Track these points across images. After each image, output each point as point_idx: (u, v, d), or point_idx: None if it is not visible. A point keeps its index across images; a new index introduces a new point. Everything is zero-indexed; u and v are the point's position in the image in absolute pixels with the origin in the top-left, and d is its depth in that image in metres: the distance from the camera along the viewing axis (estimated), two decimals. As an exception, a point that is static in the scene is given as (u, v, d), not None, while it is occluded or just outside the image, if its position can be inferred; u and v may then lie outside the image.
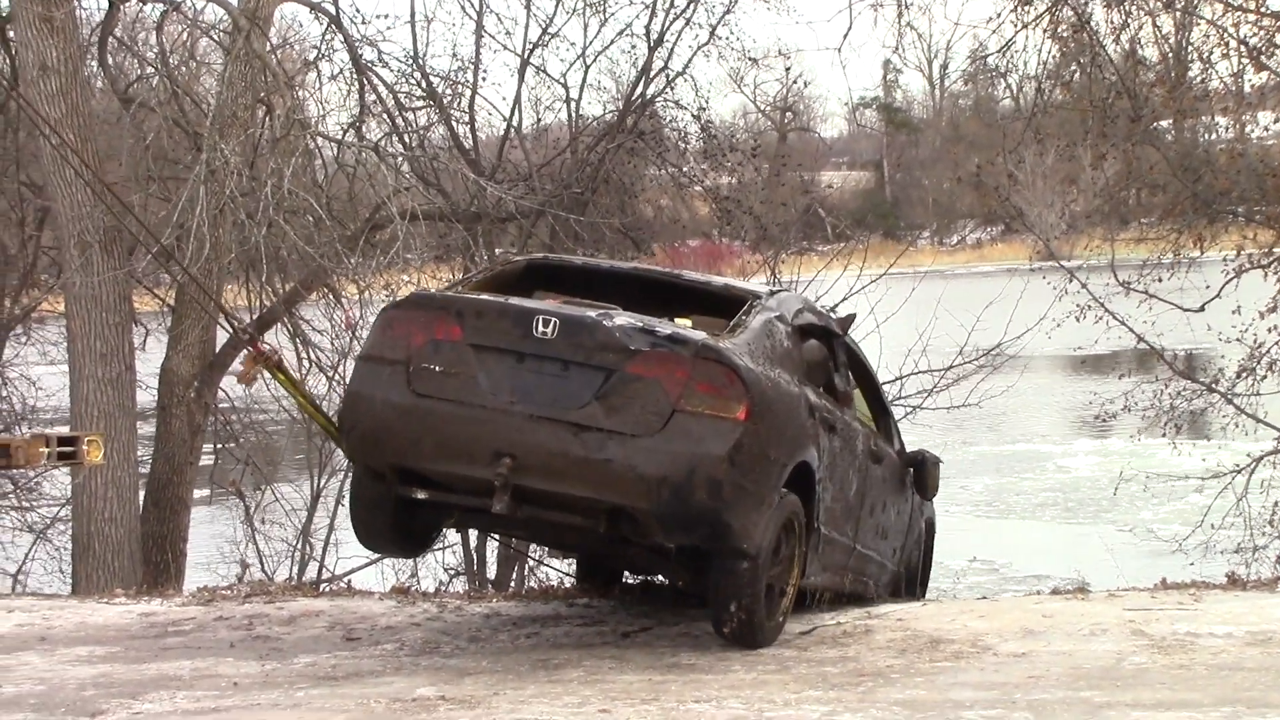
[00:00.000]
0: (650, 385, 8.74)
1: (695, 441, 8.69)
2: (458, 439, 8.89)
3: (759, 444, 8.89)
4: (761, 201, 21.16)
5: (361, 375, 9.35)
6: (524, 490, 8.82)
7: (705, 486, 8.68)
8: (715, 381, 8.78)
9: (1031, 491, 26.95)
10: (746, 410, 8.78)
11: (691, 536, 8.99)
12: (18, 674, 9.36)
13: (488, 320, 9.03)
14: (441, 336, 9.03)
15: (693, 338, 8.95)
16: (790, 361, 9.61)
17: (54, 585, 19.06)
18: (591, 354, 8.83)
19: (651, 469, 8.65)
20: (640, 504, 8.72)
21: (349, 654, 9.69)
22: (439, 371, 8.97)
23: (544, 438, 8.74)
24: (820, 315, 10.73)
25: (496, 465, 8.72)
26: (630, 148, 19.96)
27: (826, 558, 10.14)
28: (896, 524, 11.75)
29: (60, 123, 15.94)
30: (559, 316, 8.93)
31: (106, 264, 16.05)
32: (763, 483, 8.99)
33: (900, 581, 12.15)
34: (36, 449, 7.93)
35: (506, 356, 8.93)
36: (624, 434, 8.69)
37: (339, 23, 18.71)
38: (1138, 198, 23.70)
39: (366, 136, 19.20)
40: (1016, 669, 8.66)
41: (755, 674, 8.81)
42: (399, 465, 9.20)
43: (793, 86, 61.50)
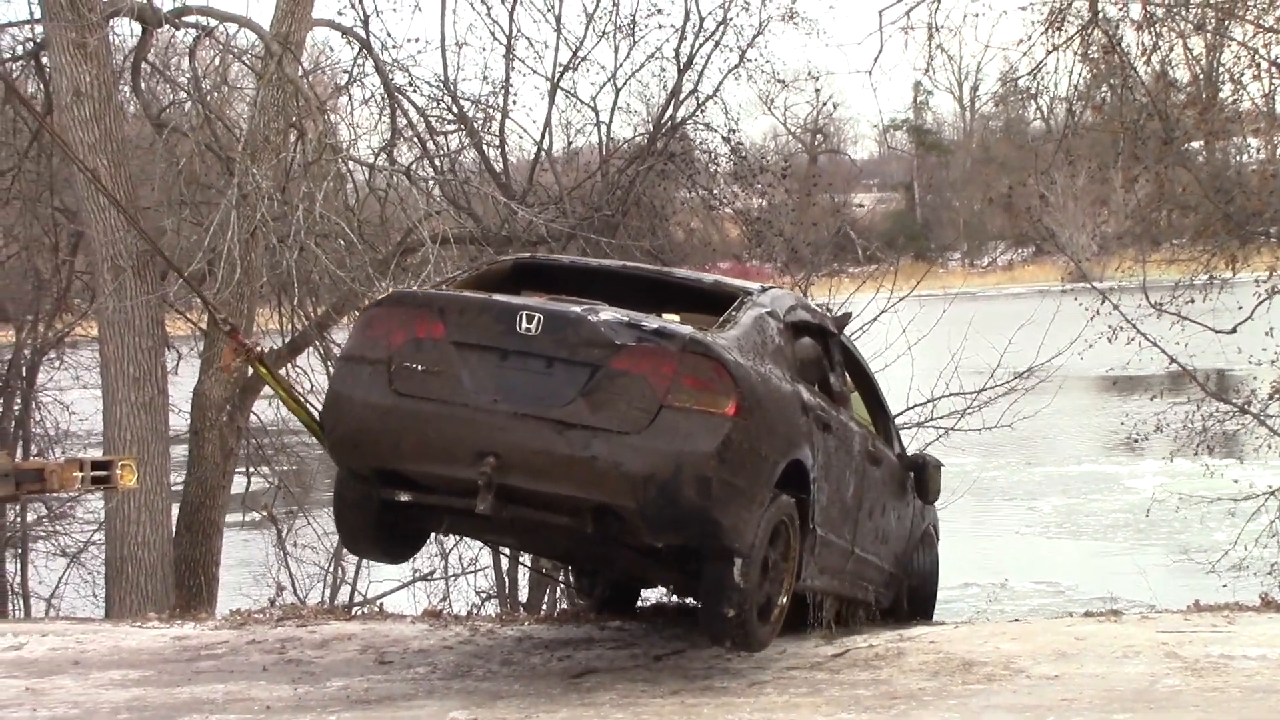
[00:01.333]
0: (636, 381, 8.50)
1: (683, 438, 8.42)
2: (440, 439, 8.66)
3: (749, 440, 8.62)
4: (792, 223, 21.15)
5: (342, 375, 9.13)
6: (509, 490, 8.57)
7: (693, 484, 8.41)
8: (703, 376, 8.54)
9: (1102, 513, 26.43)
10: (736, 405, 8.52)
11: (680, 536, 8.70)
12: (52, 698, 9.40)
13: (470, 317, 8.82)
14: (423, 335, 8.82)
15: (680, 332, 8.71)
16: (782, 358, 9.36)
17: (87, 609, 19.15)
18: (576, 349, 8.59)
19: (638, 466, 8.39)
20: (626, 502, 8.47)
21: (382, 677, 9.70)
22: (421, 370, 8.76)
23: (528, 436, 8.50)
24: (814, 313, 10.49)
25: (480, 465, 8.48)
26: (660, 170, 19.98)
27: (823, 560, 9.86)
28: (897, 528, 11.42)
29: (94, 148, 16.04)
30: (543, 312, 8.70)
31: (139, 288, 16.12)
32: (754, 480, 8.71)
33: (902, 587, 11.82)
34: (71, 473, 7.97)
35: (490, 354, 8.71)
36: (610, 431, 8.43)
37: (370, 47, 18.81)
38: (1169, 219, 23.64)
39: (398, 160, 19.28)
40: (1049, 691, 8.63)
41: (788, 696, 8.79)
42: (381, 467, 8.98)
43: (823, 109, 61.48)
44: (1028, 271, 70.45)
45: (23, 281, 20.42)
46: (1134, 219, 23.12)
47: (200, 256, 15.85)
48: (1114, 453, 21.85)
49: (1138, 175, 19.61)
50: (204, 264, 15.82)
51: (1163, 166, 19.12)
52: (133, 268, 16.10)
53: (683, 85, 20.37)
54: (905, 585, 11.78)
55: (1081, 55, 18.87)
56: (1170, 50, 19.48)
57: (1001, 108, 55.32)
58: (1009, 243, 77.31)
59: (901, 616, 11.65)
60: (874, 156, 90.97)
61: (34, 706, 9.16)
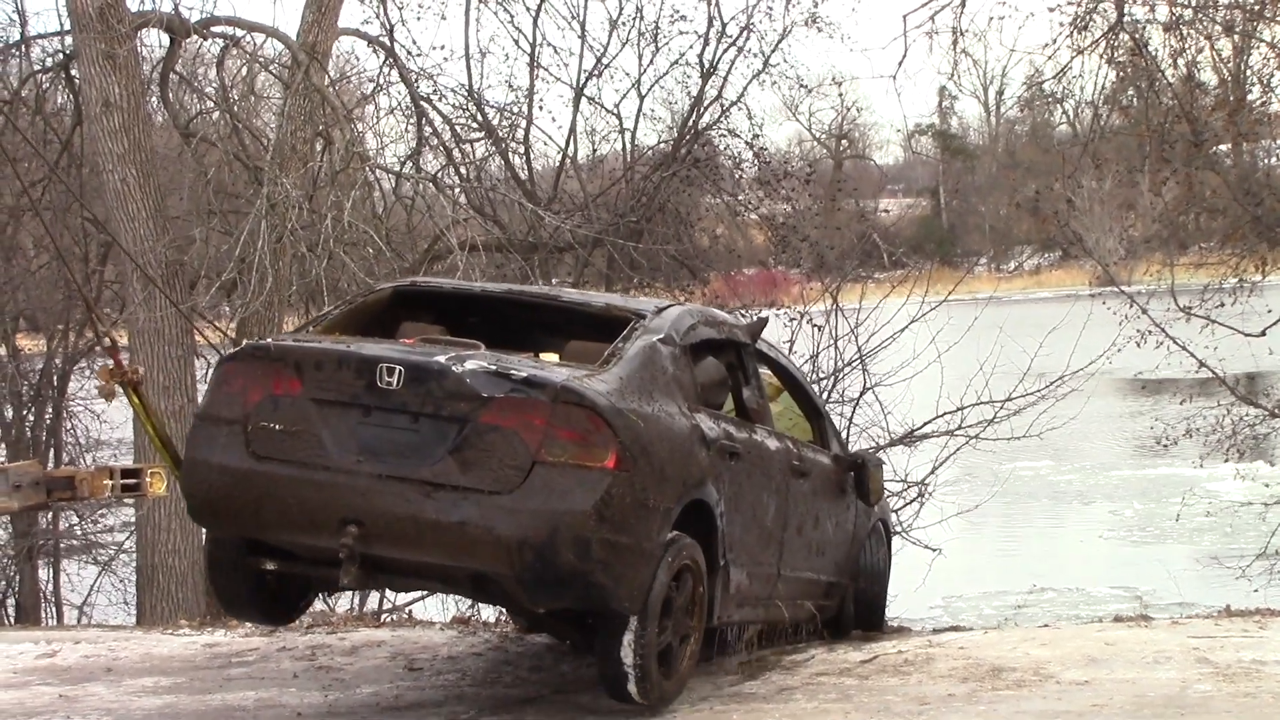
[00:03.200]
0: (507, 436, 7.85)
1: (558, 496, 7.80)
2: (300, 506, 8.03)
3: (633, 492, 7.98)
4: (817, 229, 21.15)
5: (197, 437, 8.42)
6: (375, 560, 8.01)
7: (571, 546, 7.77)
8: (578, 427, 7.89)
9: (1186, 516, 26.07)
10: (616, 457, 7.89)
11: (561, 601, 8.12)
12: (85, 704, 9.45)
13: (328, 371, 8.14)
14: (280, 391, 8.17)
15: (551, 380, 8.01)
16: (678, 388, 8.69)
17: (119, 616, 19.22)
18: (442, 404, 7.95)
19: (510, 530, 7.76)
20: (501, 569, 7.86)
21: (411, 684, 9.73)
22: (279, 430, 8.12)
23: (392, 500, 7.88)
24: (721, 326, 9.72)
25: (342, 534, 7.89)
26: (685, 176, 20.00)
27: (742, 594, 9.24)
28: (836, 535, 10.67)
29: (123, 158, 16.13)
30: (404, 364, 8.03)
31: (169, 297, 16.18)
32: (641, 535, 8.05)
33: (848, 592, 11.13)
34: (101, 481, 8.00)
35: (351, 410, 8.07)
36: (481, 491, 7.82)
37: (395, 56, 18.87)
38: (1197, 222, 23.59)
39: (424, 168, 19.34)
40: (1080, 697, 8.61)
41: (817, 703, 8.79)
42: (242, 535, 8.48)
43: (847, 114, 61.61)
44: (1055, 276, 70.22)
45: (53, 291, 20.51)
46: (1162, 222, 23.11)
47: (230, 266, 15.92)
48: (1189, 456, 21.54)
49: (1166, 178, 19.56)
50: (234, 273, 15.90)
51: (1191, 169, 19.07)
52: (162, 277, 16.17)
53: (707, 91, 20.43)
54: (852, 589, 11.12)
55: (1108, 58, 18.82)
56: (1198, 53, 19.42)
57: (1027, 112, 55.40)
58: (1035, 247, 77.09)
59: (848, 623, 11.11)
60: (899, 162, 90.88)
61: (67, 713, 9.20)
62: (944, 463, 15.72)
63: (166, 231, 16.66)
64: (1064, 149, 22.59)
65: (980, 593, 19.79)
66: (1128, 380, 25.24)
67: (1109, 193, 34.26)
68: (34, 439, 20.76)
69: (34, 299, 20.87)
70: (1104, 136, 20.21)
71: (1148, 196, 23.68)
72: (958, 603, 18.96)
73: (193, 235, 17.79)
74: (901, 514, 15.64)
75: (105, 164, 16.38)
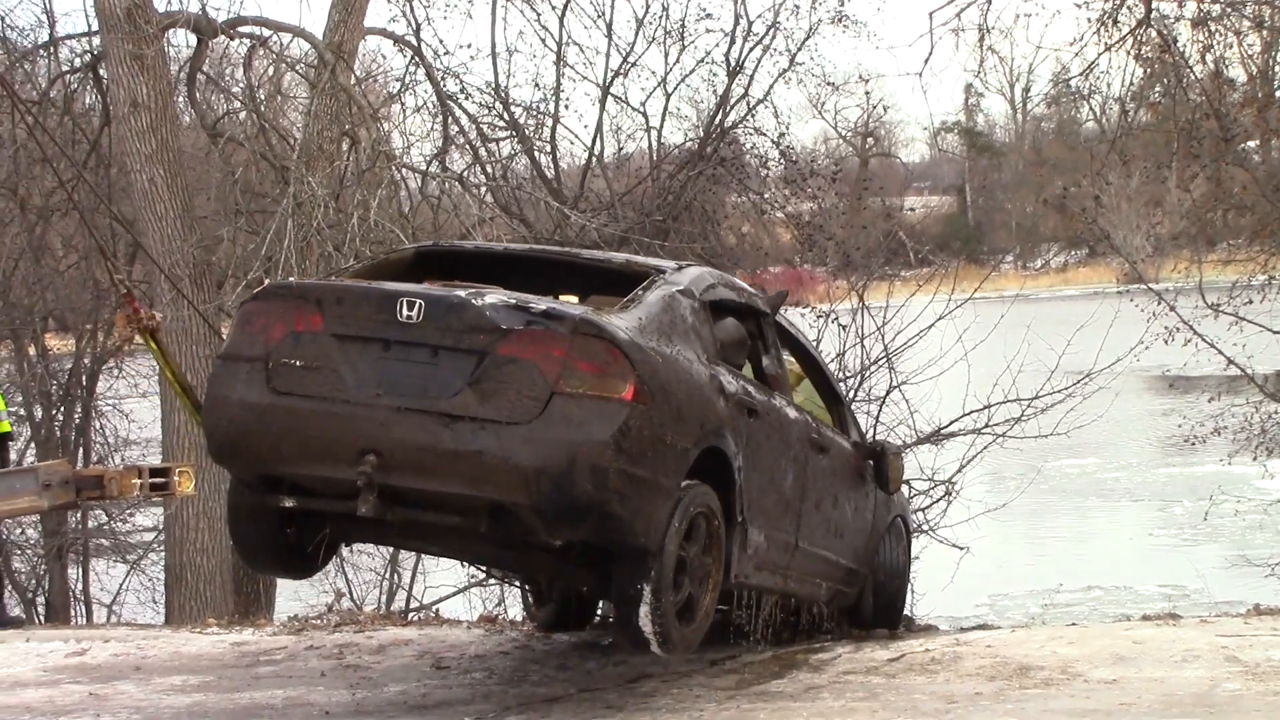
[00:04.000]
0: (525, 367, 7.89)
1: (576, 426, 7.81)
2: (320, 438, 8.10)
3: (651, 427, 7.99)
4: (843, 227, 21.12)
5: (219, 376, 8.48)
6: (393, 490, 8.04)
7: (588, 476, 7.78)
8: (596, 359, 7.92)
9: (1242, 513, 25.76)
10: (634, 389, 7.91)
11: (577, 532, 8.10)
12: (114, 703, 9.49)
13: (349, 307, 8.23)
14: (301, 328, 8.24)
15: (569, 313, 8.09)
16: (697, 338, 8.72)
17: (148, 615, 19.29)
18: (461, 337, 8.00)
19: (528, 459, 7.78)
20: (518, 498, 7.88)
21: (439, 682, 9.75)
22: (300, 366, 8.18)
23: (412, 431, 7.93)
24: (742, 292, 9.73)
25: (360, 464, 7.96)
26: (711, 175, 20.00)
27: (759, 556, 9.21)
28: (855, 522, 10.63)
29: (150, 158, 16.19)
30: (424, 298, 8.11)
31: (196, 297, 16.23)
32: (659, 470, 8.07)
33: (868, 584, 11.09)
34: (129, 481, 8.04)
35: (371, 345, 8.13)
36: (499, 422, 7.84)
37: (422, 55, 18.92)
38: (1225, 219, 23.49)
39: (450, 167, 19.37)
40: (1108, 696, 8.59)
41: (844, 701, 8.78)
42: (263, 472, 8.51)
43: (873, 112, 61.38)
44: (1082, 273, 70.05)
45: (81, 291, 20.59)
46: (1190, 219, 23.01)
47: (257, 265, 15.96)
48: (1240, 454, 21.32)
49: (1194, 175, 19.48)
50: (261, 272, 15.92)
51: (1219, 166, 19.00)
52: (190, 276, 16.22)
53: (733, 90, 20.42)
54: (871, 581, 11.05)
55: (1135, 54, 18.76)
56: (1226, 48, 19.35)
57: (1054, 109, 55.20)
58: (1062, 245, 76.87)
59: (866, 614, 11.09)
60: (925, 159, 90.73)
61: (97, 711, 9.25)
62: (971, 461, 15.69)
63: (194, 231, 16.72)
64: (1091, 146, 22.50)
65: (1027, 591, 19.73)
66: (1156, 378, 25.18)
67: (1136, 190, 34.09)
68: (63, 438, 20.83)
69: (63, 299, 20.94)
70: (1131, 133, 20.12)
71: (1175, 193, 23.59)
72: (1004, 601, 18.92)
73: (220, 235, 17.85)
74: (928, 512, 15.63)
75: (133, 164, 16.45)
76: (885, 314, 16.09)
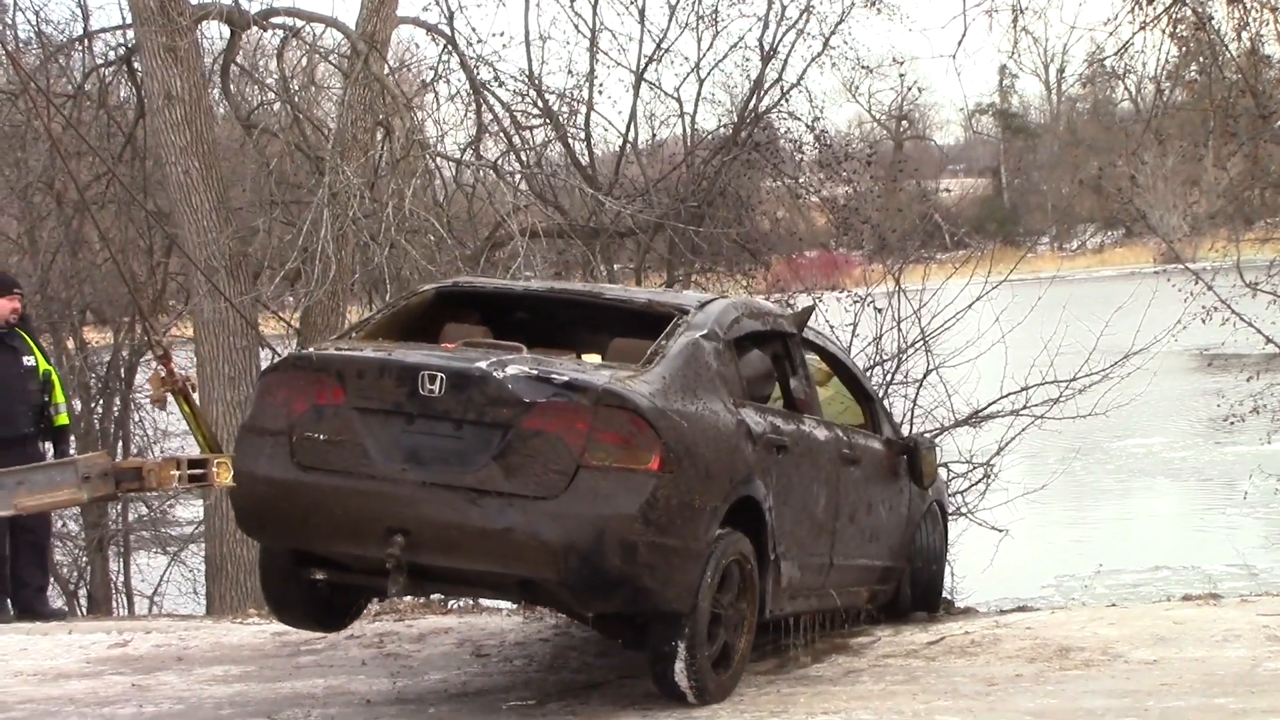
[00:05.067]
0: (550, 440, 7.84)
1: (603, 500, 7.79)
2: (346, 516, 8.07)
3: (679, 493, 7.98)
4: (878, 210, 21.07)
5: (244, 449, 8.43)
6: (422, 569, 8.06)
7: (617, 550, 7.78)
8: (621, 430, 7.89)
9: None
10: (660, 459, 7.89)
11: (609, 605, 8.14)
12: (157, 694, 9.54)
13: (370, 380, 8.16)
14: (324, 401, 8.20)
15: (593, 383, 7.99)
16: (723, 384, 8.68)
17: (189, 606, 19.38)
18: (485, 410, 7.94)
19: (556, 535, 7.76)
20: (548, 575, 7.87)
21: (479, 670, 9.77)
22: (324, 440, 8.16)
23: (438, 508, 7.92)
24: (766, 318, 9.66)
25: (389, 544, 7.93)
26: (746, 160, 19.96)
27: (794, 587, 9.25)
28: (890, 520, 10.67)
29: (185, 150, 16.24)
30: (445, 371, 8.02)
31: (234, 288, 16.28)
32: (688, 535, 8.05)
33: (904, 576, 11.04)
34: (168, 472, 8.01)
35: (394, 419, 8.08)
36: (525, 497, 7.81)
37: (455, 44, 18.90)
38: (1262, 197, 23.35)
39: (484, 155, 19.36)
40: (1148, 676, 8.57)
41: (883, 685, 8.78)
42: (291, 546, 8.54)
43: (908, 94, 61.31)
44: (1118, 254, 69.73)
45: (118, 284, 20.67)
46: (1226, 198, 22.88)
47: (293, 256, 15.99)
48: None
49: (1231, 153, 19.37)
50: (298, 263, 15.97)
51: (1256, 143, 18.88)
52: (226, 268, 16.27)
53: (766, 74, 20.37)
54: (908, 571, 11.08)
55: (1170, 33, 18.65)
56: (1262, 25, 19.21)
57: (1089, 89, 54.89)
58: (1098, 225, 76.57)
59: (905, 605, 11.10)
60: (959, 142, 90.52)
61: (140, 702, 9.30)
62: (1010, 443, 15.65)
63: (230, 222, 16.76)
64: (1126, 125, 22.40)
65: (1093, 571, 19.59)
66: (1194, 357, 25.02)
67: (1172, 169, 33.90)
68: (102, 431, 20.91)
69: (100, 292, 21.01)
70: (1167, 112, 20.00)
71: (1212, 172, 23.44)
72: (1070, 582, 18.83)
73: (256, 226, 17.88)
74: (968, 495, 15.60)
75: (168, 156, 16.49)
76: (922, 297, 16.04)
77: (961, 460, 15.63)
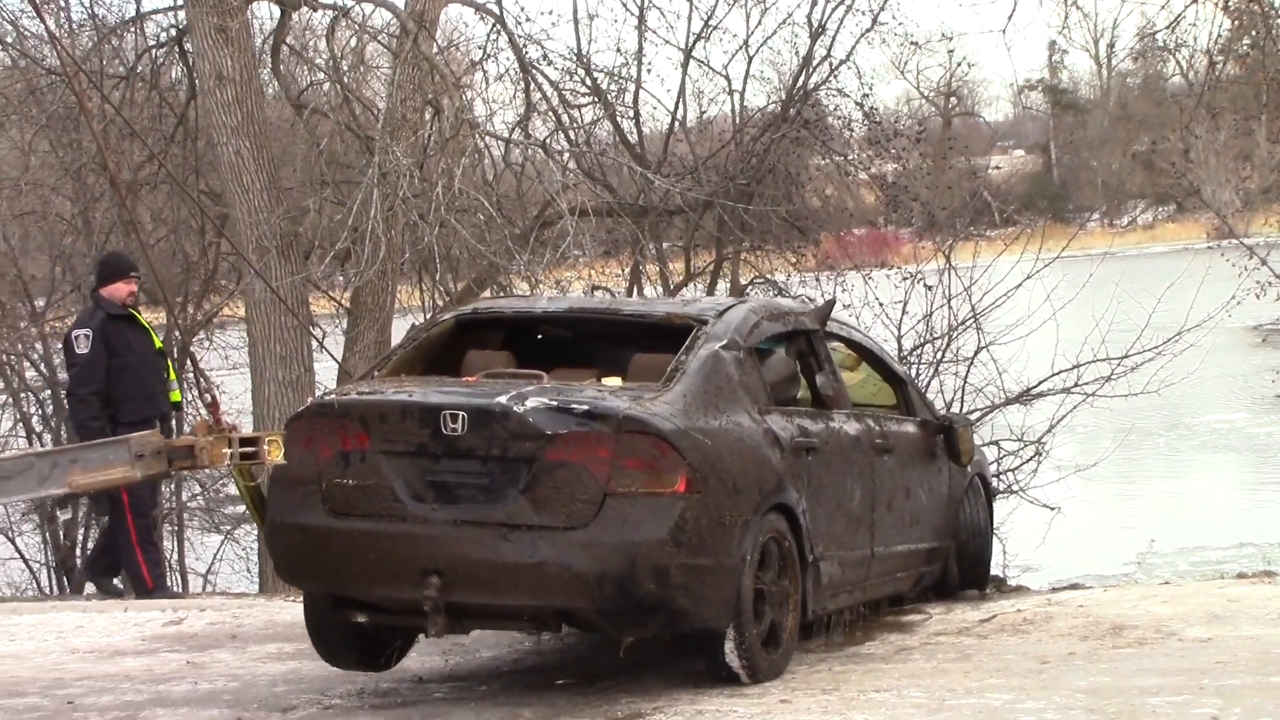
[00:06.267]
0: (575, 470, 7.90)
1: (632, 527, 7.85)
2: (381, 560, 8.12)
3: (708, 512, 8.02)
4: (927, 188, 20.98)
5: (275, 499, 8.54)
6: (460, 607, 8.11)
7: (650, 576, 7.84)
8: (644, 455, 7.93)
9: None
10: (686, 480, 7.93)
11: (648, 630, 8.21)
12: (211, 671, 9.62)
13: (393, 423, 8.20)
14: (349, 447, 8.25)
15: (613, 410, 8.02)
16: (746, 393, 8.70)
17: (242, 584, 19.49)
18: (508, 445, 7.98)
19: (588, 565, 7.82)
20: (583, 605, 7.93)
21: (531, 648, 9.80)
22: (353, 485, 8.23)
23: (470, 546, 7.97)
24: (786, 318, 9.66)
25: (424, 585, 7.97)
26: (795, 138, 19.89)
27: (835, 585, 9.29)
28: (931, 501, 10.62)
29: (236, 130, 16.30)
30: (466, 409, 8.05)
31: (284, 268, 16.35)
32: (720, 552, 8.11)
33: (950, 552, 11.03)
34: (220, 450, 8.09)
35: (420, 459, 8.14)
36: (555, 529, 7.86)
37: (503, 23, 18.88)
38: (1317, 171, 23.22)
39: (533, 134, 19.36)
40: (1203, 655, 8.53)
41: (935, 663, 8.77)
42: (329, 592, 8.57)
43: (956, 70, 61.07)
44: (1169, 230, 69.27)
45: (171, 264, 20.75)
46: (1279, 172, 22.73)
47: (344, 235, 16.04)
48: None
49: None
50: (348, 243, 16.02)
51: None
52: (277, 248, 16.33)
53: (815, 51, 20.27)
54: (954, 548, 11.07)
55: (1222, 6, 18.53)
56: (1316, -3, 19.07)
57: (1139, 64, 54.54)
58: (1149, 201, 76.11)
59: (953, 583, 11.11)
60: (1009, 118, 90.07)
61: (195, 680, 9.38)
62: (1061, 421, 15.59)
63: (280, 203, 16.82)
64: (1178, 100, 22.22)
65: (1178, 549, 19.46)
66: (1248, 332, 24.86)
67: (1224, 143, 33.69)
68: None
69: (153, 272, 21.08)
70: (1219, 86, 19.85)
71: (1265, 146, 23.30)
72: (1153, 558, 18.71)
73: (306, 205, 17.94)
74: (1018, 473, 15.56)
75: (219, 137, 16.55)
76: (972, 274, 15.98)
77: (1013, 438, 15.58)
